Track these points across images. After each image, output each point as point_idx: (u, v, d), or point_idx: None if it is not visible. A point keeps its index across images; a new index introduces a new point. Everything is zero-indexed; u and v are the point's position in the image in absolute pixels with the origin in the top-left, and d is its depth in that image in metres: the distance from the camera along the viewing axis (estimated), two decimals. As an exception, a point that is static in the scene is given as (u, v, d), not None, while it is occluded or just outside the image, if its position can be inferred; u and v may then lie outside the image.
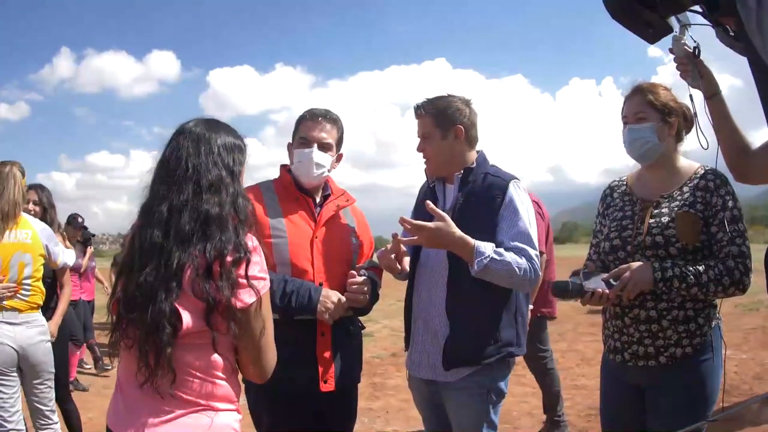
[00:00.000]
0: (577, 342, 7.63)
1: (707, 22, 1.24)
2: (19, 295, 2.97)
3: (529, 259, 1.97)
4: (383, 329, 8.77)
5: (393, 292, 2.23)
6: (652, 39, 1.25)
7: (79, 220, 6.16)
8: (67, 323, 5.47)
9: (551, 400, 4.11)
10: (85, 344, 5.78)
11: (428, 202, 1.99)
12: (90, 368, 6.48)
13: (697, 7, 1.15)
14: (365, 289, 2.08)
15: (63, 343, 3.60)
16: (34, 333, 3.01)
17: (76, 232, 6.19)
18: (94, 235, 6.47)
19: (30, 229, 3.07)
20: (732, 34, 1.22)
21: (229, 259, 1.33)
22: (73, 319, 5.72)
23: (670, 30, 1.29)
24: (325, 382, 2.05)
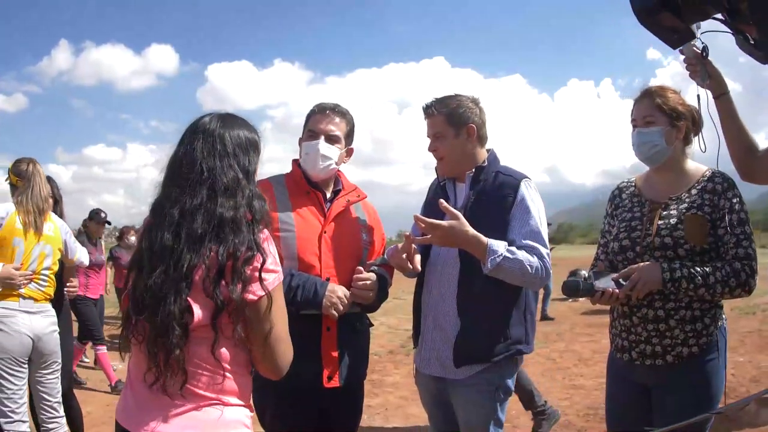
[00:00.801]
0: (575, 342, 7.66)
1: (728, 30, 1.26)
2: (36, 285, 2.99)
3: (540, 257, 1.98)
4: (381, 326, 8.77)
5: (391, 289, 2.23)
6: (676, 44, 1.27)
7: (102, 215, 6.00)
8: (84, 321, 5.45)
9: (525, 396, 4.11)
10: (91, 341, 5.74)
11: (442, 200, 1.99)
12: (88, 362, 6.45)
13: (718, 15, 1.17)
14: (372, 285, 2.07)
15: (69, 338, 3.62)
16: (47, 323, 3.04)
17: (99, 228, 6.05)
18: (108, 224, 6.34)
19: (52, 223, 3.12)
20: (752, 42, 1.25)
21: (241, 258, 1.31)
22: (95, 317, 5.66)
23: (693, 36, 1.32)
24: (330, 378, 2.03)
